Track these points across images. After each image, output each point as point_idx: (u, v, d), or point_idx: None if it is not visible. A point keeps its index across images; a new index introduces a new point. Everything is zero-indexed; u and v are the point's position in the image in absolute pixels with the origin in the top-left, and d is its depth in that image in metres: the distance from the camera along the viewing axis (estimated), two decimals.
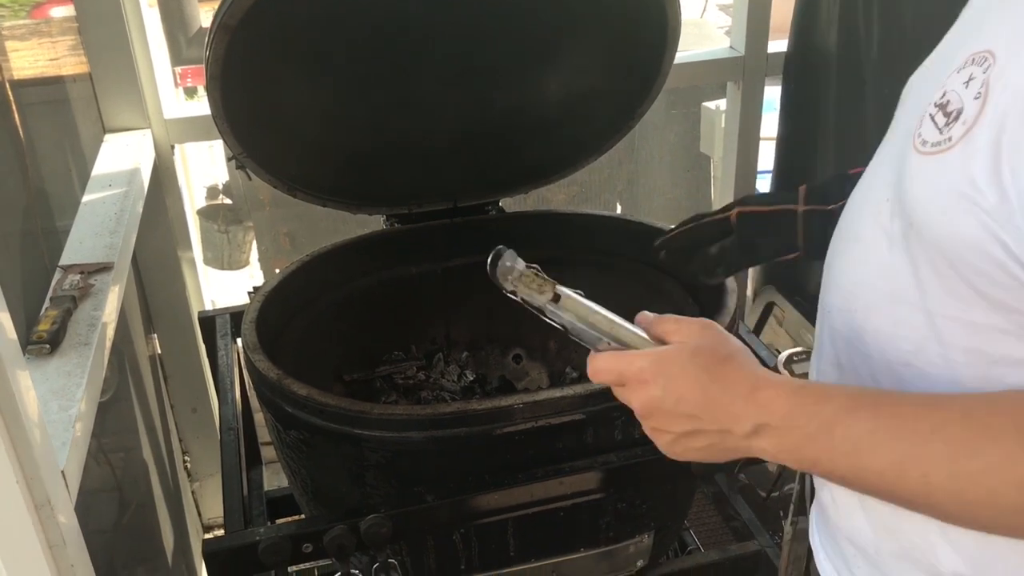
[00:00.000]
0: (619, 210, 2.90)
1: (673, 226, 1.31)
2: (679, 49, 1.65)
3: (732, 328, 1.43)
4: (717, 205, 2.61)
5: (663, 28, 1.61)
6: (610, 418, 1.31)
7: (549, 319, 0.90)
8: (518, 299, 0.91)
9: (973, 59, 0.73)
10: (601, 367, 0.87)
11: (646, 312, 0.90)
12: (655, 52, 1.65)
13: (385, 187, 1.78)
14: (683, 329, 0.86)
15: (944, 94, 0.74)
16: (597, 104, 1.80)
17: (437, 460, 1.29)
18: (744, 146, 2.43)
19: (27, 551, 0.99)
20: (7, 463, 0.93)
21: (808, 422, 0.76)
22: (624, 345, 0.87)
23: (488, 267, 0.91)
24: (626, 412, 1.29)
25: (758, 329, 2.52)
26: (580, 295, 0.90)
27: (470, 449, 1.28)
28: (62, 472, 1.07)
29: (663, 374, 0.83)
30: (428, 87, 1.69)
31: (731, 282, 1.52)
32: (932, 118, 0.75)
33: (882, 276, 0.83)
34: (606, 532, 1.44)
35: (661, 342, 0.86)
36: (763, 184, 2.59)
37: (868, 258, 0.85)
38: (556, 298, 0.88)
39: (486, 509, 1.30)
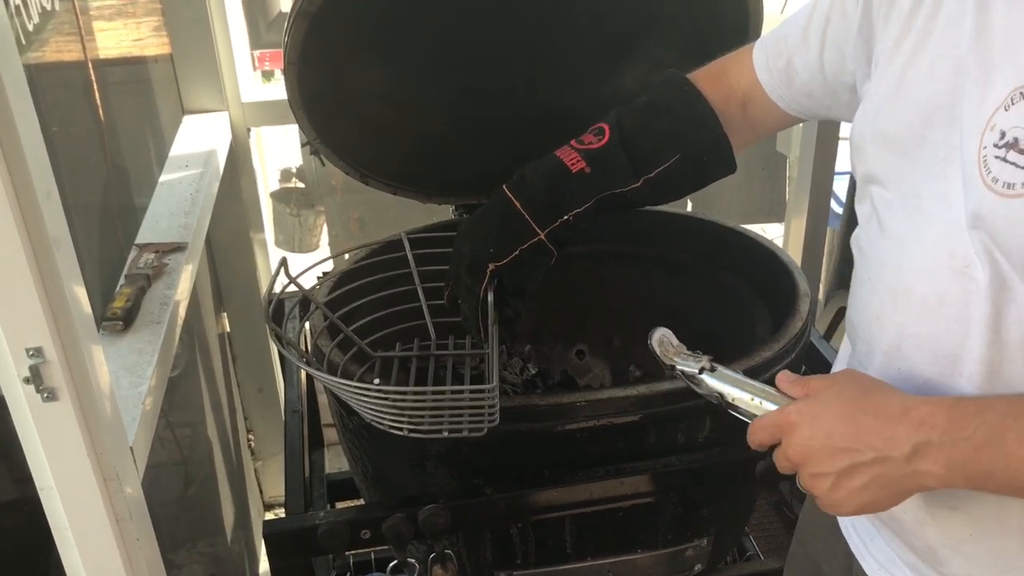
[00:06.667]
0: (689, 207, 2.86)
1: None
2: None
3: (803, 333, 1.39)
4: (792, 206, 2.55)
5: (744, 22, 1.58)
6: (673, 420, 1.29)
7: (701, 391, 0.98)
8: (676, 371, 1.01)
9: (1021, 94, 0.72)
10: (756, 427, 0.89)
11: (787, 371, 0.91)
12: (735, 46, 1.62)
13: (454, 177, 1.77)
14: (826, 378, 0.87)
15: (1003, 134, 0.73)
16: None
17: (497, 454, 1.28)
18: (822, 146, 2.36)
19: (95, 523, 1.02)
20: (78, 436, 0.95)
21: (974, 432, 0.74)
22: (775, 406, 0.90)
23: (648, 343, 1.03)
24: (688, 415, 1.28)
25: (829, 334, 2.46)
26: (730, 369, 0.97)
27: (530, 444, 1.27)
28: (131, 447, 1.09)
29: (809, 413, 0.84)
30: (499, 78, 1.68)
31: (804, 285, 1.48)
32: (1003, 159, 0.73)
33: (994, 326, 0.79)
34: (664, 534, 1.42)
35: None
36: (840, 186, 2.52)
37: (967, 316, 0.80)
38: (712, 368, 0.97)
39: (545, 505, 1.29)
